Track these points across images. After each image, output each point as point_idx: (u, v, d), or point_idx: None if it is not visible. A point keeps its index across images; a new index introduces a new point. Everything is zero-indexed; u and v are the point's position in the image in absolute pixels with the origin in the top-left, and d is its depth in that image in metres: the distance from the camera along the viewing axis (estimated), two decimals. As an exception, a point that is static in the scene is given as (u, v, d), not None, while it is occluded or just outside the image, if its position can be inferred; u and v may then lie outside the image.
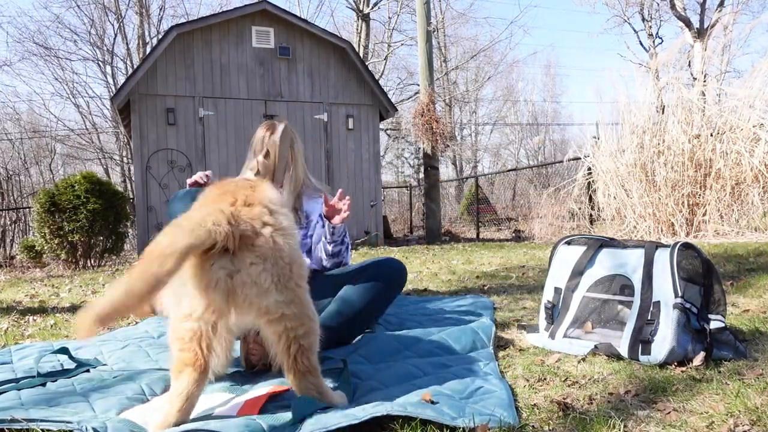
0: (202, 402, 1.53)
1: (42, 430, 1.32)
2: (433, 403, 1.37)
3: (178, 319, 1.32)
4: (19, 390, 1.62)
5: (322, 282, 2.14)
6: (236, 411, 1.42)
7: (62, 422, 1.34)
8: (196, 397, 1.32)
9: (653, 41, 20.09)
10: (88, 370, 1.86)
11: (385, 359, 1.84)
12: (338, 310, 2.07)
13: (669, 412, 1.31)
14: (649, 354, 1.69)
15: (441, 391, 1.49)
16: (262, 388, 1.58)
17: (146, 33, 19.64)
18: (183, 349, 1.31)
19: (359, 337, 2.16)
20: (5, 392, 1.61)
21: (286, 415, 1.35)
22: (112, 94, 13.95)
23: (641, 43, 20.66)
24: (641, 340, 1.73)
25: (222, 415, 1.41)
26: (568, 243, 2.15)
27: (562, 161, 9.13)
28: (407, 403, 1.34)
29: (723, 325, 1.76)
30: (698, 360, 1.64)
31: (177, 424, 1.29)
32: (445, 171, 25.66)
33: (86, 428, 1.31)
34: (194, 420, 1.34)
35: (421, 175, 14.37)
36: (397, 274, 2.21)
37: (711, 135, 5.94)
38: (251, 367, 1.79)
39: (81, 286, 5.00)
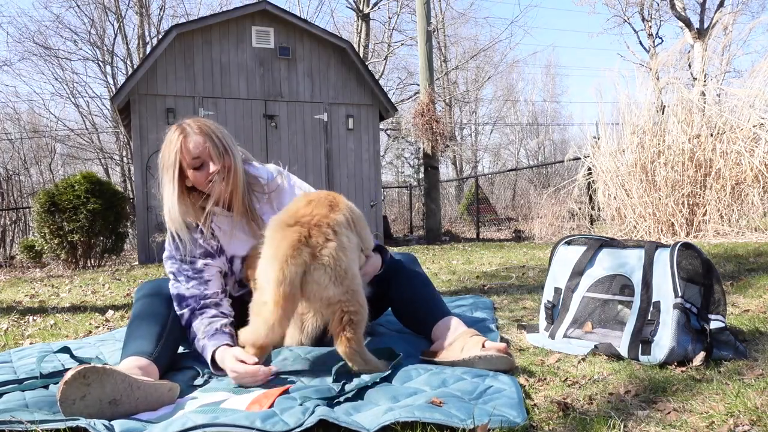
0: (206, 400, 1.53)
1: (44, 430, 1.32)
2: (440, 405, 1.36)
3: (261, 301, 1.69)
4: (23, 392, 1.62)
5: None
6: (245, 406, 1.42)
7: (70, 419, 1.34)
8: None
9: (653, 41, 20.08)
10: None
11: (389, 358, 1.83)
12: None
13: (669, 412, 1.31)
14: (649, 354, 1.70)
15: (449, 392, 1.47)
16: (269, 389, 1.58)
17: (146, 33, 19.63)
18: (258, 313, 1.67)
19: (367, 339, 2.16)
20: (8, 392, 1.61)
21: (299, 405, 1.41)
22: (112, 94, 13.95)
23: (641, 43, 20.66)
24: (641, 340, 1.73)
25: (232, 409, 1.41)
26: (568, 243, 2.15)
27: (562, 161, 9.13)
28: (414, 407, 1.33)
29: (723, 325, 1.76)
30: (698, 360, 1.64)
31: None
32: (445, 171, 25.67)
33: (94, 424, 1.31)
34: (203, 414, 1.35)
35: (421, 175, 14.36)
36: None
37: (711, 135, 5.95)
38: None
39: (81, 286, 5.00)
